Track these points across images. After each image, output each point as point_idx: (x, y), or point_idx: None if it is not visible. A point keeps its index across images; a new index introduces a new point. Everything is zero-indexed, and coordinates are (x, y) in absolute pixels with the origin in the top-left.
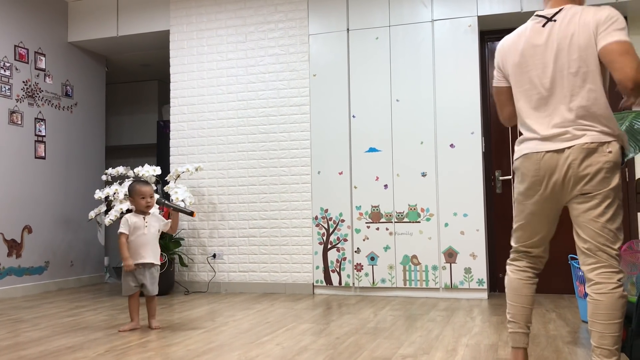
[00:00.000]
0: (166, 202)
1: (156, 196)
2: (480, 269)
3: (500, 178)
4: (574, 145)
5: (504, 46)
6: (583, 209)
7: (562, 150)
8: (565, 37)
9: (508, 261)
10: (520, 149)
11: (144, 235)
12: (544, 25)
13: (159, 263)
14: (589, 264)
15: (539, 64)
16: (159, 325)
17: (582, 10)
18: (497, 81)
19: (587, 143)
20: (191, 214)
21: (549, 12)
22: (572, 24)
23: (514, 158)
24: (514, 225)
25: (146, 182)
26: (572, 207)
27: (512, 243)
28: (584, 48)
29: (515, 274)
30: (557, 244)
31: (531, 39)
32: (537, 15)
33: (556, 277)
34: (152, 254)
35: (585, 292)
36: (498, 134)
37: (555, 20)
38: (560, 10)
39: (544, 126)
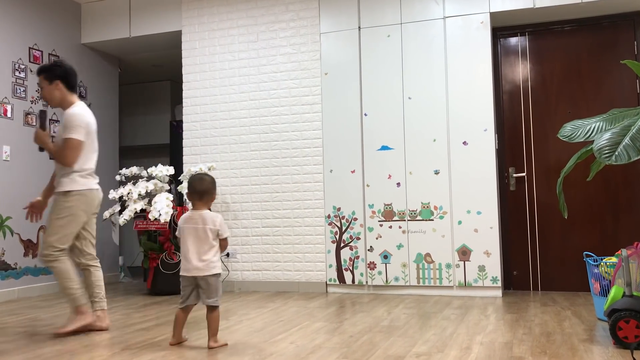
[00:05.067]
0: None
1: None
2: (495, 267)
3: (514, 175)
4: None
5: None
6: None
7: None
8: None
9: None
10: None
11: None
12: None
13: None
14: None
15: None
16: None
17: None
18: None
19: None
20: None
21: None
22: None
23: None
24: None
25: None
26: None
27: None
28: None
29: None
30: (572, 242)
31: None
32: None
33: (571, 275)
34: None
35: (600, 290)
36: (511, 130)
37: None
38: None
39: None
